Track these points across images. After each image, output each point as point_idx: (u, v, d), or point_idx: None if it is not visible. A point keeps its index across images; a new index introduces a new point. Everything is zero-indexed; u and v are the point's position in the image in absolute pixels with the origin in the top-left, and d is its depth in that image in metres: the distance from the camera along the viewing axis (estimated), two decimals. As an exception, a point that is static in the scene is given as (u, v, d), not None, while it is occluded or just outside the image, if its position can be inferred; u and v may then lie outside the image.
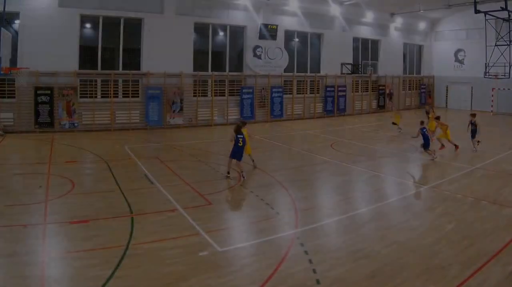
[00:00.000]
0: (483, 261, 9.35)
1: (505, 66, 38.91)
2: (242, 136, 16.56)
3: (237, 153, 16.45)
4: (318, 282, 8.44)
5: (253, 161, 18.40)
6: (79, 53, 28.61)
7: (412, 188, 16.06)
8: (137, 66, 30.88)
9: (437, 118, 23.25)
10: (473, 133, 22.28)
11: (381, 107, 44.89)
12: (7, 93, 26.66)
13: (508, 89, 42.00)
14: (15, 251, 9.43)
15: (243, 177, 16.36)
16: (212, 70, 33.89)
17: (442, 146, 22.04)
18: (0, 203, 12.77)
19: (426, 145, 20.05)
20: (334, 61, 40.42)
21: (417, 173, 19.18)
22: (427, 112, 27.05)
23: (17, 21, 26.87)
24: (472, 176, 17.66)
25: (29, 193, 14.06)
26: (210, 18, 33.58)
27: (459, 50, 47.79)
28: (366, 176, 17.63)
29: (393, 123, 29.60)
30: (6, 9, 21.49)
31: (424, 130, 20.16)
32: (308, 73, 39.40)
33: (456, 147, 22.19)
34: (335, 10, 39.55)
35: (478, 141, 22.29)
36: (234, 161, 16.52)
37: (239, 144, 16.40)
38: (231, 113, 34.42)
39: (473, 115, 22.76)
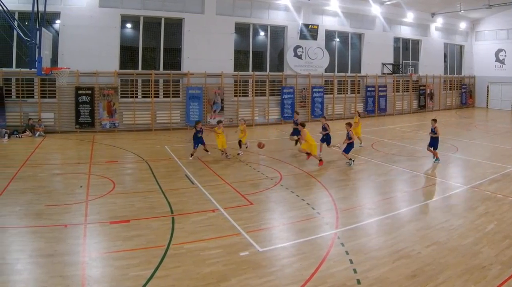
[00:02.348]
0: (524, 261, 8.97)
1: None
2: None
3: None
4: (358, 282, 8.11)
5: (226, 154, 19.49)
6: (119, 53, 27.27)
7: (452, 188, 15.01)
8: (178, 66, 29.24)
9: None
10: (433, 142, 18.99)
11: (421, 107, 42.13)
12: (48, 93, 25.55)
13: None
14: (55, 251, 9.14)
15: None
16: (252, 70, 32.04)
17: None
18: (41, 202, 12.42)
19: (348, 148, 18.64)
20: (374, 61, 38.02)
21: (457, 173, 17.91)
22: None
23: (57, 21, 25.68)
24: (513, 176, 16.66)
25: (69, 193, 13.56)
26: (250, 18, 31.71)
27: (500, 50, 44.51)
28: (407, 176, 16.76)
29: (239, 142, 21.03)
30: (47, 9, 20.55)
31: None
32: (349, 73, 37.07)
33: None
34: (375, 10, 37.09)
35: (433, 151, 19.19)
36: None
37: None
38: (272, 113, 32.51)
39: (435, 120, 19.32)
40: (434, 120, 19.09)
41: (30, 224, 10.74)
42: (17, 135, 23.57)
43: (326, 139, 20.00)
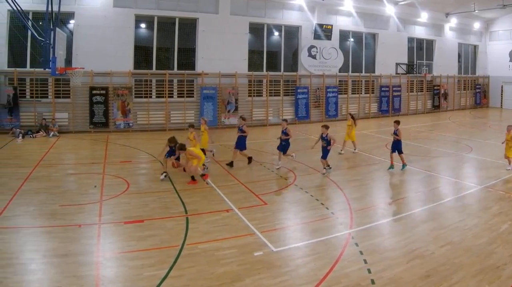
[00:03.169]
0: (539, 261, 8.64)
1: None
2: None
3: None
4: (373, 282, 7.91)
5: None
6: (133, 53, 26.65)
7: (466, 188, 14.62)
8: (192, 66, 28.54)
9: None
10: (397, 146, 16.89)
11: (436, 107, 41.00)
12: (62, 93, 25.02)
13: None
14: (69, 251, 8.94)
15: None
16: (267, 70, 31.21)
17: None
18: (55, 202, 12.13)
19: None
20: (389, 61, 36.91)
21: (471, 173, 17.37)
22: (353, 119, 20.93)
23: (72, 21, 25.14)
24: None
25: (83, 193, 13.24)
26: (265, 18, 30.87)
27: (514, 50, 43.39)
28: (421, 176, 16.25)
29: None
30: (61, 9, 19.97)
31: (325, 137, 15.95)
32: (363, 73, 36.07)
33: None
34: (390, 10, 35.98)
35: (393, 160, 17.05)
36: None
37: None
38: (286, 113, 31.56)
39: (397, 122, 17.20)
40: (397, 122, 17.11)
41: (44, 224, 10.49)
42: (31, 136, 23.08)
43: (284, 146, 17.12)
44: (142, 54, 27.28)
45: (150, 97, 27.32)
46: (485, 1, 36.94)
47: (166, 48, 28.51)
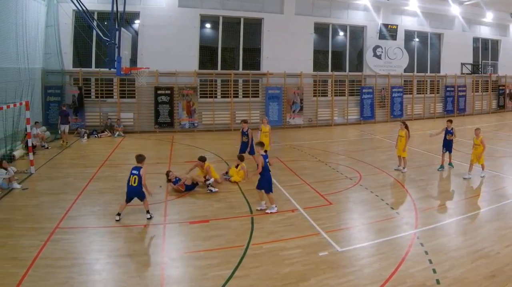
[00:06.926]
0: None
1: None
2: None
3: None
4: (438, 282, 6.92)
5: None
6: (198, 53, 23.28)
7: None
8: (257, 66, 24.73)
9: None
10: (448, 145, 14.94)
11: (501, 107, 34.98)
12: (127, 93, 22.07)
13: None
14: (134, 251, 8.11)
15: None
16: (332, 70, 26.86)
17: None
18: (120, 202, 10.49)
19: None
20: (454, 61, 31.41)
21: None
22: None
23: (137, 21, 22.20)
24: None
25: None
26: (330, 18, 26.52)
27: None
28: (486, 176, 14.13)
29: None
30: (126, 9, 17.48)
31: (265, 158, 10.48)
32: (428, 73, 30.86)
33: None
34: (455, 10, 30.48)
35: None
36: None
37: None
38: (351, 113, 27.26)
39: (450, 121, 15.23)
40: (450, 121, 15.31)
41: (109, 224, 9.54)
42: (96, 135, 20.32)
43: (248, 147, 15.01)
44: (207, 54, 23.90)
45: (215, 97, 23.84)
46: (550, 0, 31.18)
47: (231, 48, 24.83)
